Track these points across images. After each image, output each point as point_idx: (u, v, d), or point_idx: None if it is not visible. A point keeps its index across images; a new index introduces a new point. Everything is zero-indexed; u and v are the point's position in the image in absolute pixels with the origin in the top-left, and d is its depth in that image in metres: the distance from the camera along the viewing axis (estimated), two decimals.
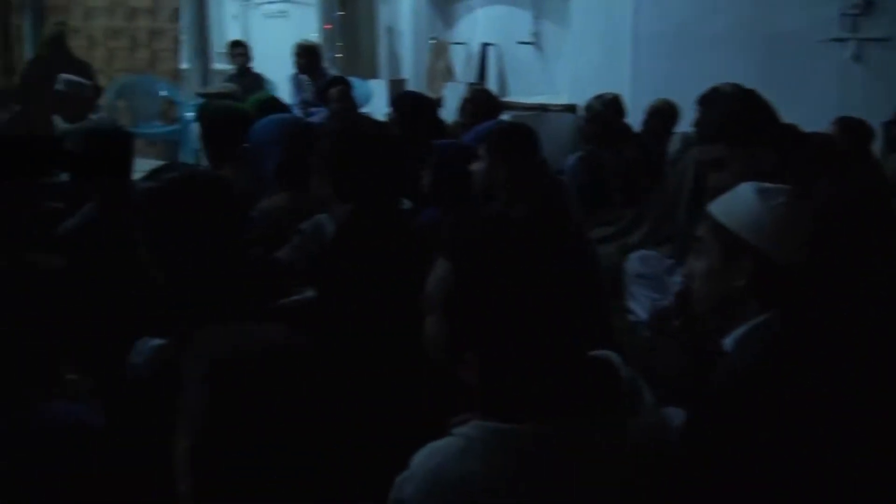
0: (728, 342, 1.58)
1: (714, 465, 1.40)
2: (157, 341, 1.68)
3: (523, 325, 1.20)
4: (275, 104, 4.12)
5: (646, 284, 3.13)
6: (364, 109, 7.00)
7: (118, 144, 2.87)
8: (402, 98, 4.45)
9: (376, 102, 7.94)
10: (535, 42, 8.82)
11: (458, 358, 1.22)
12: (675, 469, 1.34)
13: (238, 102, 4.30)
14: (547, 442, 1.18)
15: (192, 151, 7.37)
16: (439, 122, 4.50)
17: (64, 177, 3.64)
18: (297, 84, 7.10)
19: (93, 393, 1.98)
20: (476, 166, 2.95)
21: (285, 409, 1.14)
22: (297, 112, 6.22)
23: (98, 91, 6.35)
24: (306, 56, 7.15)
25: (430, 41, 9.82)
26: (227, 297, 1.57)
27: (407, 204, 2.39)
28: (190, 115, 7.65)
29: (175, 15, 8.25)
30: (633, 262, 3.21)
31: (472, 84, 7.84)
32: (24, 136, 3.81)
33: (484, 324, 1.21)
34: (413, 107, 4.20)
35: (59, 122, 4.77)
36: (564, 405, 1.20)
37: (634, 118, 5.83)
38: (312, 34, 8.74)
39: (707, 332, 1.73)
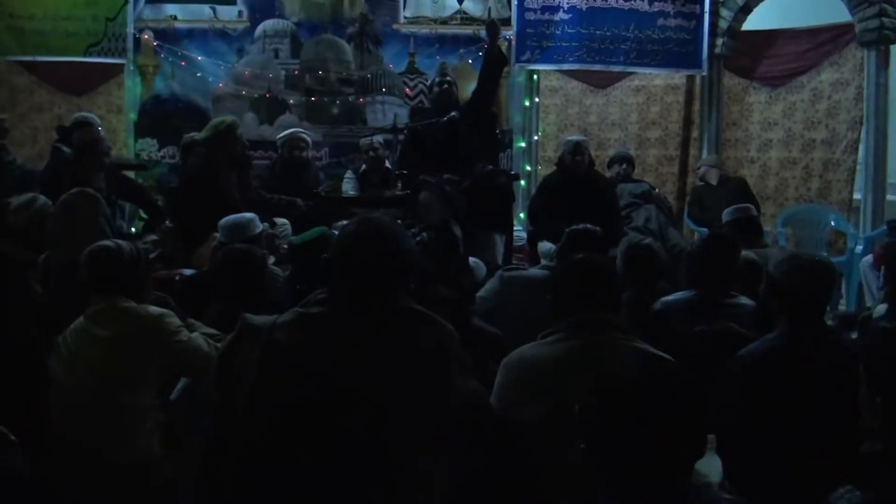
0: None
1: None
2: None
3: None
4: None
5: None
6: None
7: (825, 277, 2.92)
8: None
9: None
10: None
11: None
12: None
13: None
14: None
15: (857, 285, 7.09)
16: None
17: (744, 299, 3.82)
18: None
19: None
20: None
21: None
22: None
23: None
24: None
25: None
26: None
27: None
28: (859, 248, 7.41)
29: (853, 146, 8.11)
30: None
31: None
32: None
33: None
34: None
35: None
36: None
37: None
38: None
39: None
